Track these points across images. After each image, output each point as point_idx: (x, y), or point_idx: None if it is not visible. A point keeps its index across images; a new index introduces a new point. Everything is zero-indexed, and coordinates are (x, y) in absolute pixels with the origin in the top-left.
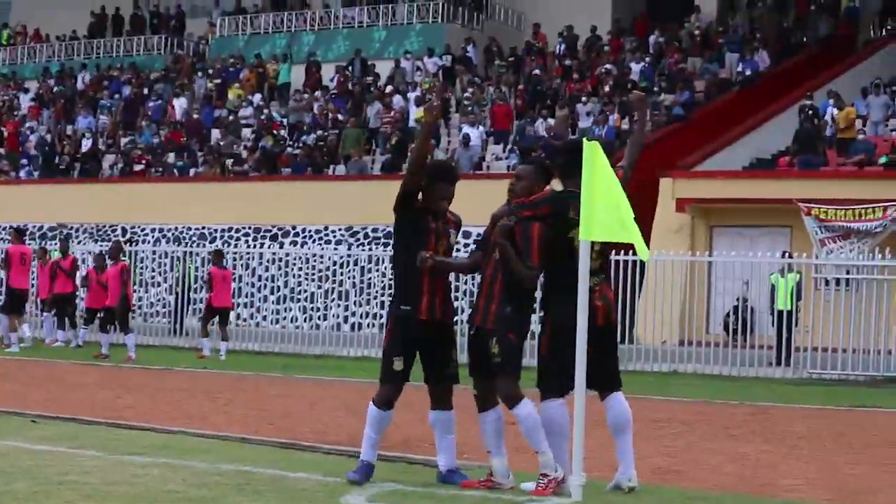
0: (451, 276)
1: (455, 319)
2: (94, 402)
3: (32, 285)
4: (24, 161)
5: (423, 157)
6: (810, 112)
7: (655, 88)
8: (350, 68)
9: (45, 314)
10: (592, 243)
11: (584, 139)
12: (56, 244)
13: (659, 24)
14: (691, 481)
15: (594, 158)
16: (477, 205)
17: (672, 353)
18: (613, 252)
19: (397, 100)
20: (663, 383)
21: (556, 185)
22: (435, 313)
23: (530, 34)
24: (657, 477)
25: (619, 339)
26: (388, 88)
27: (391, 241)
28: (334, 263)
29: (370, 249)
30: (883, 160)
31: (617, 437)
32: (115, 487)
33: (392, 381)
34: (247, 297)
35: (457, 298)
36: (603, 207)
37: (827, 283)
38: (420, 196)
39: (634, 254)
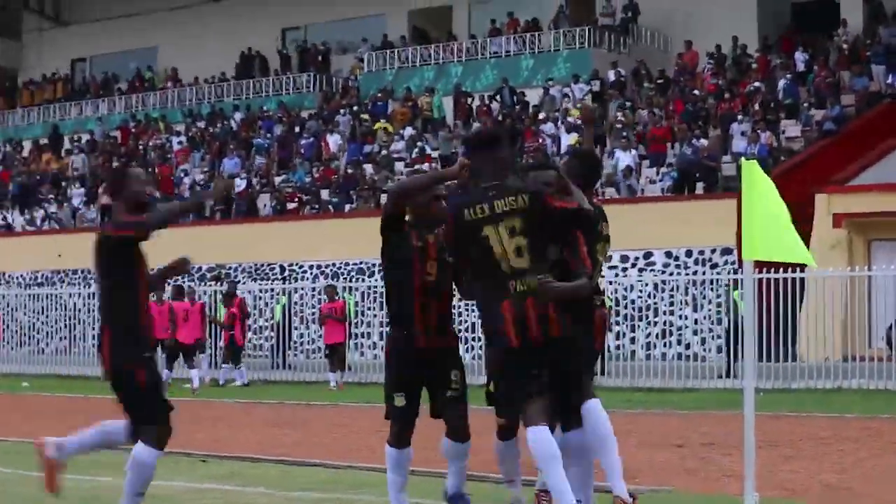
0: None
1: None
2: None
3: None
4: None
5: (421, 187)
6: None
7: (805, 104)
8: (499, 97)
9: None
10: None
11: (743, 158)
12: (216, 284)
13: (805, 37)
14: (863, 498)
15: (753, 177)
16: (636, 228)
17: (835, 369)
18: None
19: (548, 127)
20: (827, 400)
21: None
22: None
23: (677, 55)
24: (829, 494)
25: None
26: (540, 115)
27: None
28: None
29: None
30: None
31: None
32: None
33: (398, 419)
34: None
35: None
36: (765, 226)
37: None
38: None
39: (794, 270)
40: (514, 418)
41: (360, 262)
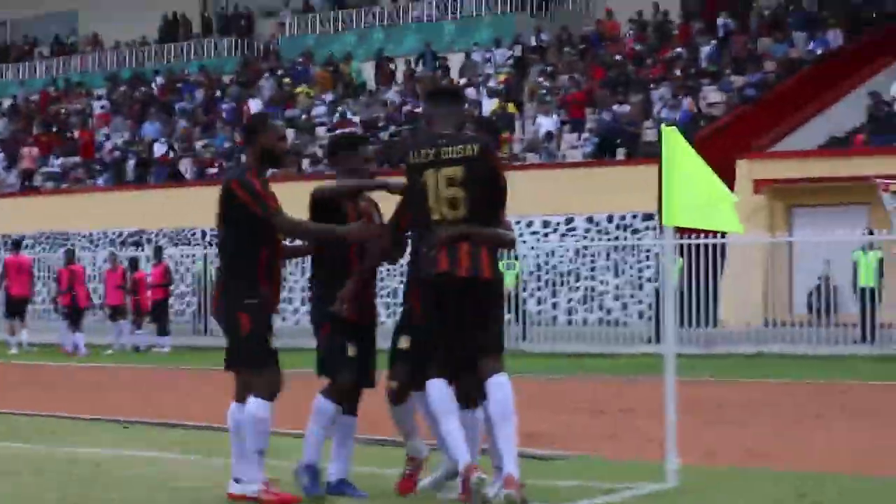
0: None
1: None
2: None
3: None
4: (99, 168)
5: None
6: (881, 97)
7: (725, 70)
8: (421, 62)
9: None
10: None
11: (663, 125)
12: (136, 250)
13: (727, 2)
14: (781, 462)
15: (674, 143)
16: (553, 193)
17: (757, 334)
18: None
19: (470, 92)
20: (749, 365)
21: None
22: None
23: (597, 21)
24: (750, 460)
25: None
26: (462, 81)
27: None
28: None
29: None
30: None
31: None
32: None
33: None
34: None
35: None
36: (686, 192)
37: None
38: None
39: (715, 236)
40: (408, 381)
41: None
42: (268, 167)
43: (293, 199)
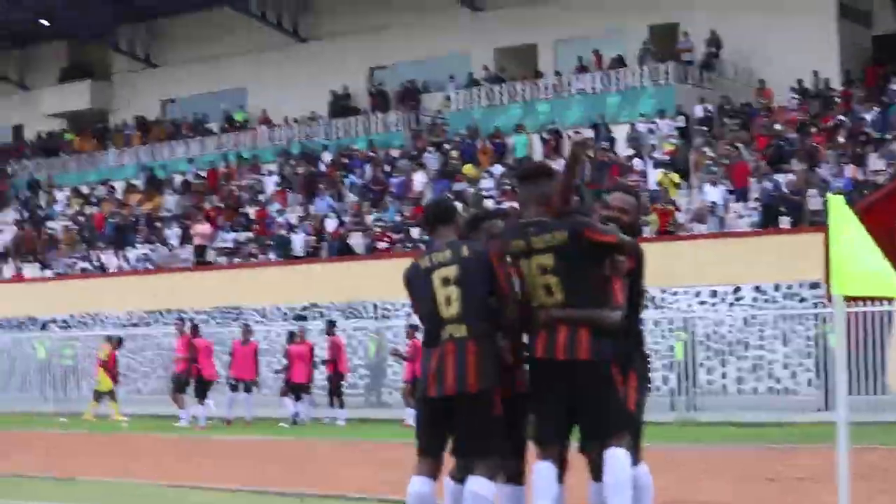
0: None
1: None
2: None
3: None
4: (271, 243)
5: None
6: None
7: (888, 136)
8: (593, 132)
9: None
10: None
11: (829, 193)
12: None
13: (890, 69)
14: None
15: (839, 211)
16: (725, 263)
17: None
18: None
19: (637, 162)
20: None
21: None
22: None
23: (756, 89)
24: None
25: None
26: (629, 152)
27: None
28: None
29: None
30: None
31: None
32: None
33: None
34: None
35: None
36: (853, 261)
37: None
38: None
39: (881, 304)
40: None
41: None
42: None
43: None
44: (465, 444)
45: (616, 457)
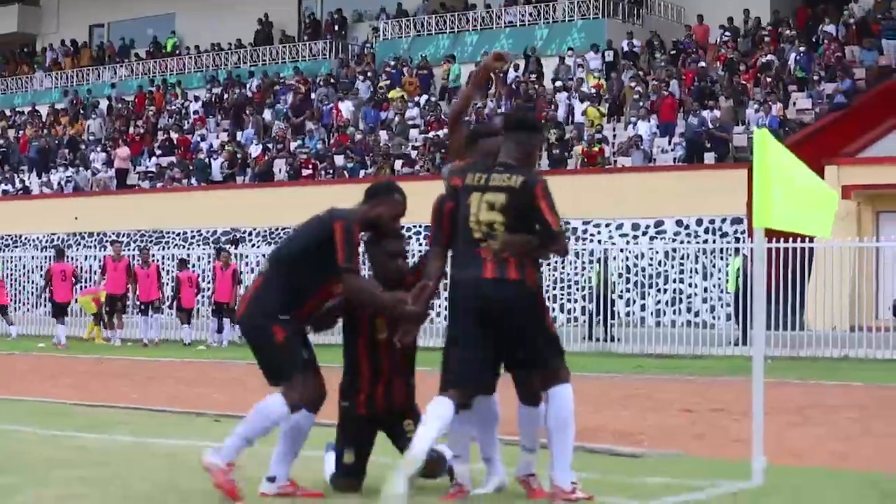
0: None
1: None
2: None
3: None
4: (193, 168)
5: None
6: None
7: (815, 77)
8: (520, 65)
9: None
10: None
11: (755, 127)
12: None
13: (817, 10)
14: (866, 464)
15: (766, 146)
16: (648, 197)
17: (842, 338)
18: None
19: (563, 96)
20: (834, 369)
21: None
22: None
23: (687, 27)
24: (835, 461)
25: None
26: (557, 84)
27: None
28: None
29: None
30: None
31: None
32: None
33: None
34: None
35: None
36: (780, 196)
37: None
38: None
39: (802, 240)
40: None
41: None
42: (367, 231)
43: None
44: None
45: (562, 395)
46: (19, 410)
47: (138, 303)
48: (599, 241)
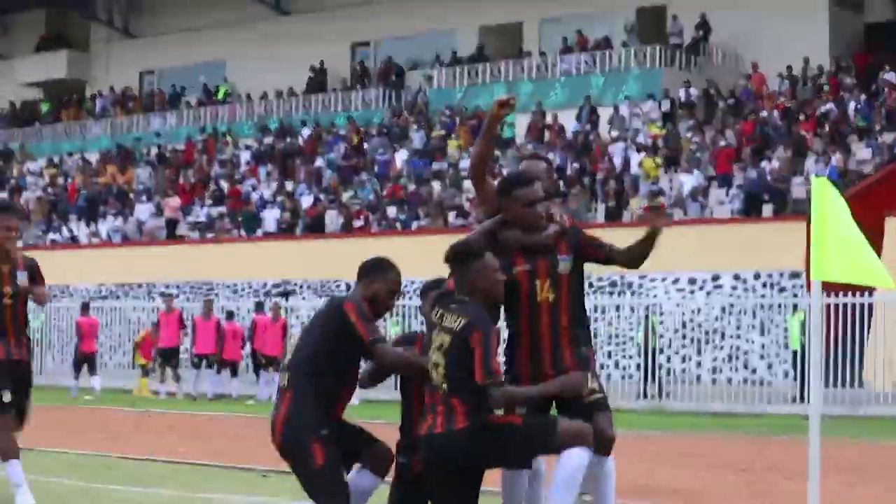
0: None
1: None
2: None
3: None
4: (243, 219)
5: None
6: None
7: (877, 127)
8: (577, 117)
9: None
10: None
11: (813, 176)
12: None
13: (879, 57)
14: None
15: (824, 195)
16: (704, 250)
17: None
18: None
19: (619, 147)
20: (893, 428)
21: None
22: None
23: (745, 76)
24: None
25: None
26: (613, 134)
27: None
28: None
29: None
30: None
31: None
32: None
33: None
34: None
35: None
36: (836, 246)
37: None
38: None
39: (861, 294)
40: None
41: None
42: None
43: (434, 249)
44: None
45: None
46: (62, 462)
47: (194, 356)
48: (655, 296)
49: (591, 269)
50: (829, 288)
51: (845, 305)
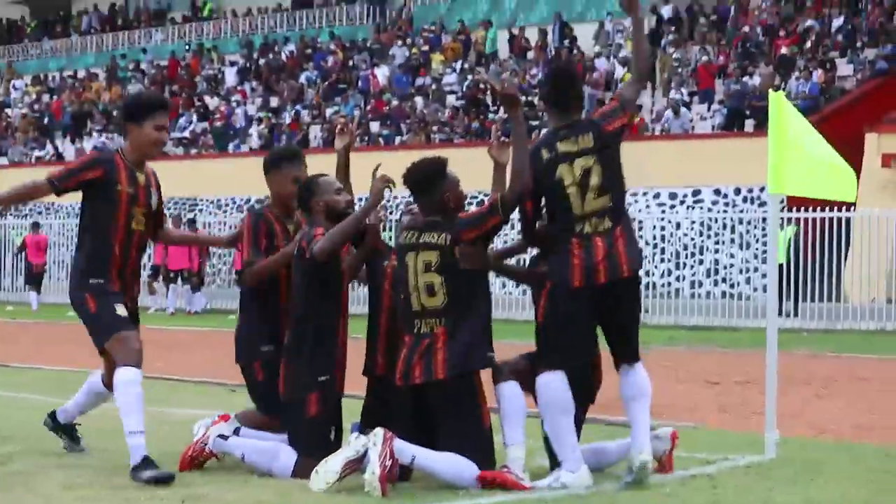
0: None
1: None
2: None
3: None
4: (231, 133)
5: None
6: None
7: (858, 44)
8: (551, 33)
9: None
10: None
11: (770, 90)
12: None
13: None
14: (888, 437)
15: (780, 110)
16: (688, 165)
17: (880, 310)
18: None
19: (601, 62)
20: (871, 341)
21: None
22: None
23: None
24: (856, 433)
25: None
26: (596, 49)
27: None
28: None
29: None
30: None
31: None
32: None
33: None
34: None
35: None
36: (796, 160)
37: None
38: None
39: (840, 209)
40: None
41: (410, 196)
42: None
43: None
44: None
45: (642, 373)
46: (29, 378)
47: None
48: (639, 211)
49: None
50: (809, 203)
51: (823, 220)
